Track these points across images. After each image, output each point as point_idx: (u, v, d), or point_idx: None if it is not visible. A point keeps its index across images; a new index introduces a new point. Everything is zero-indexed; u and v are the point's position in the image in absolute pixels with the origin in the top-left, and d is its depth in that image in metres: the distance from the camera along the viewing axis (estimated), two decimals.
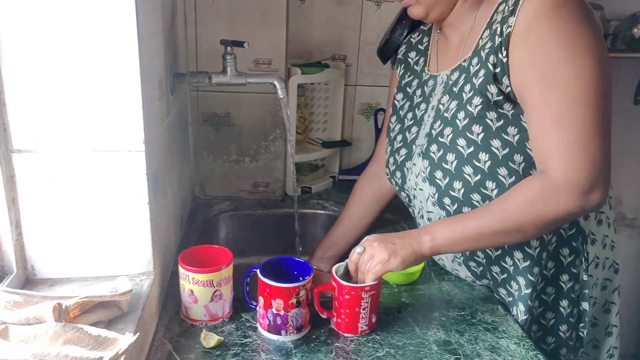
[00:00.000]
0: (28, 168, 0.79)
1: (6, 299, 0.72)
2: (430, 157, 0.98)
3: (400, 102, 1.13)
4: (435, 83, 1.03)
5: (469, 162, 0.92)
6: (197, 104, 1.42)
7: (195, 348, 0.85)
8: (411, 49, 1.15)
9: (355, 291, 0.88)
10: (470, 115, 0.91)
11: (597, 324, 1.09)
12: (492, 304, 1.01)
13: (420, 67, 1.10)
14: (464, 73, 0.94)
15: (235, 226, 1.49)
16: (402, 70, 1.16)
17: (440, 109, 0.99)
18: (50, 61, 0.75)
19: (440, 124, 0.97)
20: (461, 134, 0.93)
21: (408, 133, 1.08)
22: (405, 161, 1.07)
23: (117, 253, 0.86)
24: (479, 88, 0.90)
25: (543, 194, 0.83)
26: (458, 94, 0.95)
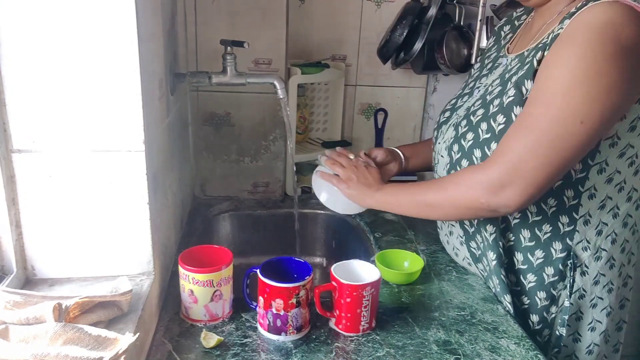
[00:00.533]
0: (28, 168, 0.79)
1: (6, 299, 0.72)
2: (457, 130, 1.02)
3: (475, 70, 1.17)
4: (500, 64, 1.05)
5: (481, 146, 0.95)
6: (197, 104, 1.42)
7: (195, 348, 0.85)
8: (509, 23, 1.16)
9: (356, 290, 0.88)
10: (500, 105, 0.94)
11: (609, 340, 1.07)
12: (492, 304, 1.01)
13: (505, 42, 1.11)
14: (520, 63, 0.96)
15: (235, 226, 1.49)
16: (493, 39, 1.18)
17: (488, 89, 1.02)
18: (50, 61, 0.75)
19: (479, 104, 1.00)
20: (486, 119, 0.95)
21: (460, 100, 1.11)
22: (443, 124, 1.10)
23: (117, 253, 0.86)
24: (517, 81, 0.92)
25: (468, 181, 0.91)
26: (505, 82, 0.97)
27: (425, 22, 1.49)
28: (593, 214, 0.96)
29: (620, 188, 0.95)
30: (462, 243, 1.12)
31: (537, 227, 0.97)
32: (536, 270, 0.99)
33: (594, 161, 0.91)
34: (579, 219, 0.96)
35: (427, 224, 1.35)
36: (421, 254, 1.20)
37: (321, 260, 1.54)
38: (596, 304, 1.01)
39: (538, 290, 1.00)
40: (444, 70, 1.56)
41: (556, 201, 0.95)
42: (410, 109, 1.75)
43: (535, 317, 1.01)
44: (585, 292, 0.99)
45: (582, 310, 1.01)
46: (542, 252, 0.98)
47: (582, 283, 0.99)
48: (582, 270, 0.98)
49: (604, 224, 0.97)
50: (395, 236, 1.30)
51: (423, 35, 1.48)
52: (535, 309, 1.01)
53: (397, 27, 1.50)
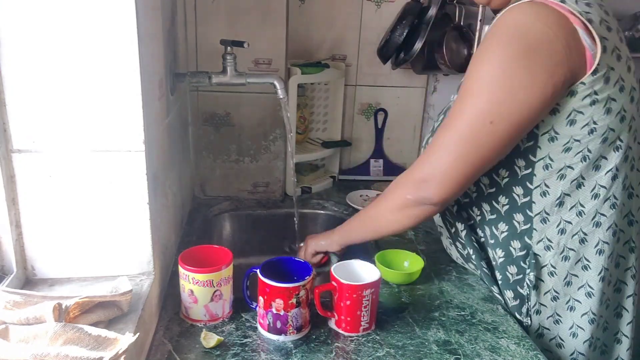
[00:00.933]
0: (28, 168, 0.79)
1: (6, 299, 0.72)
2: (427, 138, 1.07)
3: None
4: None
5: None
6: (197, 104, 1.42)
7: (195, 348, 0.85)
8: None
9: (356, 290, 0.88)
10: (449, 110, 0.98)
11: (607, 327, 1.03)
12: (492, 304, 1.01)
13: None
14: None
15: (235, 226, 1.49)
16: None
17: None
18: (50, 61, 0.75)
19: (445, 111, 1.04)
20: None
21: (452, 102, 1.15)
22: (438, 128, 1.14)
23: (117, 253, 0.86)
24: (459, 86, 0.96)
25: (397, 181, 0.98)
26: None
27: (425, 22, 1.48)
28: (550, 211, 0.93)
29: (578, 184, 0.92)
30: (451, 244, 1.14)
31: (494, 225, 0.99)
32: (500, 268, 1.01)
33: (536, 157, 0.91)
34: (534, 216, 0.95)
35: (427, 224, 1.35)
36: (421, 254, 1.20)
37: None
38: (574, 307, 0.98)
39: (505, 289, 1.01)
40: (444, 70, 1.56)
41: (507, 199, 0.96)
42: (410, 109, 1.75)
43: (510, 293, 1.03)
44: (558, 294, 0.97)
45: (559, 313, 0.99)
46: (502, 251, 0.99)
47: (552, 284, 0.97)
48: (549, 270, 0.96)
49: (567, 222, 0.94)
50: (395, 236, 1.30)
51: (423, 35, 1.48)
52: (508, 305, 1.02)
53: (397, 27, 1.50)
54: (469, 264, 1.12)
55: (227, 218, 1.48)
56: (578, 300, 0.98)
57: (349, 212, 1.41)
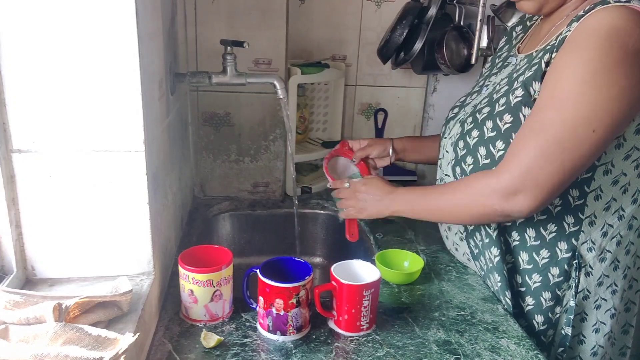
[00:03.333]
0: (28, 168, 0.79)
1: (6, 299, 0.72)
2: (464, 127, 1.03)
3: (486, 69, 1.18)
4: (510, 63, 1.06)
5: (485, 144, 0.96)
6: (197, 104, 1.42)
7: (195, 348, 0.85)
8: (521, 23, 1.17)
9: (356, 290, 0.88)
10: (507, 104, 0.95)
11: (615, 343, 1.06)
12: (492, 304, 1.01)
13: (516, 41, 1.12)
14: (529, 64, 0.96)
15: (235, 226, 1.49)
16: (505, 39, 1.19)
17: (495, 88, 1.03)
18: (50, 61, 0.75)
19: (485, 102, 1.02)
20: (492, 117, 0.96)
21: (469, 97, 1.13)
22: (450, 120, 1.12)
23: (117, 253, 0.86)
24: (525, 81, 0.93)
25: (481, 187, 0.92)
26: (512, 82, 0.98)
27: (425, 22, 1.48)
28: (598, 215, 0.95)
29: (624, 190, 0.95)
30: (461, 239, 1.12)
31: (542, 226, 0.97)
32: (541, 270, 0.99)
33: (599, 162, 0.91)
34: (584, 219, 0.95)
35: (427, 224, 1.35)
36: (421, 254, 1.20)
37: (321, 260, 1.54)
38: (600, 305, 1.01)
39: (543, 291, 0.99)
40: (444, 70, 1.56)
41: (561, 201, 0.95)
42: (410, 109, 1.75)
43: (540, 318, 1.01)
44: (589, 293, 0.99)
45: (586, 312, 1.01)
46: (548, 252, 0.98)
47: (586, 284, 0.99)
48: (586, 271, 0.98)
49: (609, 226, 0.97)
50: (395, 236, 1.30)
51: (423, 35, 1.48)
52: (540, 309, 1.00)
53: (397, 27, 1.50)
54: (476, 262, 1.10)
55: (227, 218, 1.48)
56: (604, 299, 1.00)
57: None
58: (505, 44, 1.17)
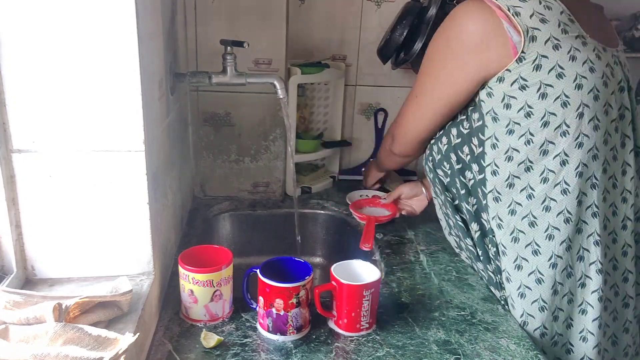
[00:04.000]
0: (28, 168, 0.80)
1: (6, 299, 0.72)
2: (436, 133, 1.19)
3: None
4: None
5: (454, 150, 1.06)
6: (197, 104, 1.42)
7: (195, 348, 0.85)
8: None
9: (356, 290, 0.88)
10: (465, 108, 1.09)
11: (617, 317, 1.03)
12: (492, 304, 1.01)
13: None
14: None
15: (235, 226, 1.48)
16: None
17: None
18: (50, 61, 0.75)
19: None
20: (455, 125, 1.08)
21: None
22: None
23: (117, 253, 0.86)
24: None
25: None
26: None
27: (425, 22, 1.48)
28: (502, 191, 0.98)
29: (526, 168, 0.95)
30: (449, 234, 1.20)
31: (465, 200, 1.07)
32: (478, 243, 1.07)
33: (485, 136, 0.99)
34: (487, 194, 1.00)
35: (427, 224, 1.35)
36: (421, 254, 1.20)
37: (321, 260, 1.54)
38: (524, 293, 0.99)
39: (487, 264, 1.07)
40: None
41: (471, 174, 1.04)
42: None
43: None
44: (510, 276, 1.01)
45: (512, 298, 1.01)
46: (477, 225, 1.06)
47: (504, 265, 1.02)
48: (500, 250, 1.02)
49: (517, 204, 0.97)
50: (395, 236, 1.30)
51: (423, 35, 1.48)
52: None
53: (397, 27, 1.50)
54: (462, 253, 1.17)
55: (227, 218, 1.48)
56: (528, 287, 0.98)
57: (349, 212, 1.41)
58: None
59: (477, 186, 1.03)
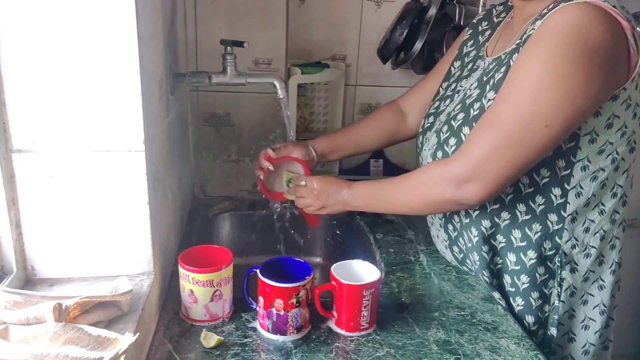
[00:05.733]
0: (28, 168, 0.79)
1: (6, 299, 0.72)
2: (440, 136, 1.01)
3: (455, 69, 1.15)
4: (479, 67, 1.05)
5: None
6: (197, 104, 1.42)
7: (195, 348, 0.85)
8: (486, 19, 1.15)
9: (356, 290, 0.88)
10: (481, 108, 0.94)
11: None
12: (492, 304, 1.01)
13: (484, 40, 1.10)
14: (499, 66, 0.96)
15: (235, 226, 1.48)
16: (468, 36, 1.16)
17: (467, 93, 1.02)
18: (50, 61, 0.75)
19: (459, 108, 1.00)
20: (468, 123, 0.96)
21: (442, 104, 1.10)
22: (427, 130, 1.10)
23: (117, 253, 0.86)
24: (496, 84, 0.93)
25: (434, 175, 0.95)
26: (483, 85, 0.97)
27: (425, 22, 1.48)
28: (580, 211, 0.96)
29: (603, 184, 0.95)
30: (446, 247, 1.13)
31: (528, 227, 0.97)
32: (529, 270, 0.99)
33: (576, 158, 0.92)
34: (567, 217, 0.96)
35: (427, 224, 1.35)
36: (421, 254, 1.20)
37: (321, 260, 1.54)
38: (587, 300, 1.01)
39: (532, 291, 0.99)
40: None
41: (544, 199, 0.95)
42: None
43: (531, 318, 1.00)
44: (576, 290, 0.99)
45: (574, 308, 1.00)
46: (534, 252, 0.97)
47: (572, 280, 0.98)
48: (571, 268, 0.98)
49: (591, 221, 0.97)
50: (395, 236, 1.30)
51: (423, 35, 1.48)
52: (530, 310, 1.00)
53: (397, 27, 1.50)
54: (463, 267, 1.12)
55: (227, 218, 1.48)
56: (591, 294, 1.00)
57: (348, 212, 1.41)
58: (470, 38, 1.15)
59: (550, 211, 0.95)
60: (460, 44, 1.17)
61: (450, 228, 1.09)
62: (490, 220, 0.99)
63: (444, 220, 1.10)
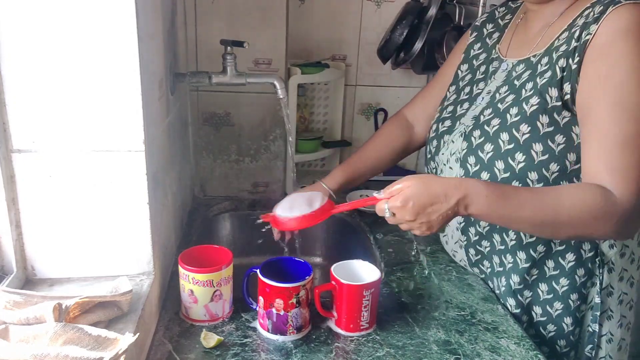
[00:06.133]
0: (28, 168, 0.79)
1: (6, 299, 0.72)
2: (470, 141, 0.99)
3: (463, 72, 1.13)
4: (499, 67, 1.03)
5: (504, 157, 0.93)
6: (197, 104, 1.42)
7: (195, 348, 0.85)
8: (491, 21, 1.14)
9: (356, 290, 0.88)
10: (523, 114, 0.92)
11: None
12: (492, 304, 1.01)
13: (493, 42, 1.09)
14: (530, 69, 0.94)
15: (235, 226, 1.48)
16: (473, 39, 1.15)
17: (495, 96, 1.00)
18: (51, 61, 0.75)
19: (491, 113, 0.98)
20: (507, 129, 0.93)
21: (459, 107, 1.08)
22: (445, 133, 1.07)
23: (117, 253, 0.86)
24: (540, 89, 0.91)
25: (604, 206, 0.81)
26: (518, 89, 0.95)
27: (425, 22, 1.48)
28: None
29: None
30: (460, 247, 1.11)
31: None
32: (569, 273, 0.97)
33: None
34: None
35: None
36: (421, 254, 1.20)
37: (321, 260, 1.54)
38: (622, 299, 1.01)
39: (571, 293, 0.97)
40: None
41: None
42: None
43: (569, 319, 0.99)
44: (613, 289, 1.00)
45: (611, 308, 1.01)
46: (573, 255, 0.96)
47: (609, 280, 0.98)
48: (609, 268, 0.98)
49: None
50: (395, 236, 1.30)
51: (423, 35, 1.48)
52: (568, 311, 0.99)
53: (397, 27, 1.50)
54: (474, 269, 1.11)
55: (227, 218, 1.47)
56: (625, 293, 1.01)
57: (348, 212, 1.41)
58: (476, 41, 1.14)
59: None
60: (464, 47, 1.16)
61: (472, 231, 1.06)
62: None
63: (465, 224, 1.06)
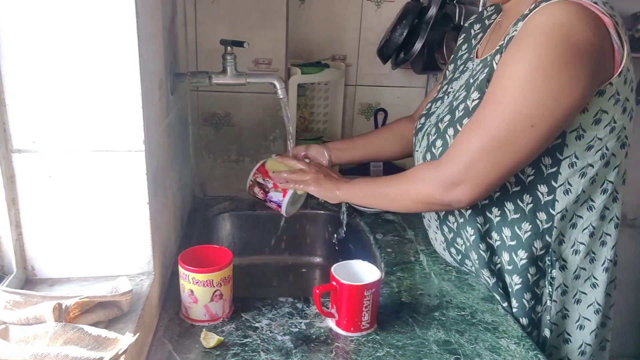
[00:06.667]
0: (28, 168, 0.80)
1: (6, 299, 0.72)
2: (428, 138, 1.03)
3: (449, 72, 1.15)
4: (468, 68, 1.05)
5: None
6: (197, 104, 1.42)
7: (195, 348, 0.85)
8: (479, 21, 1.15)
9: (356, 290, 0.88)
10: (466, 109, 0.95)
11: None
12: (492, 304, 1.01)
13: (476, 42, 1.10)
14: (484, 67, 0.96)
15: (235, 226, 1.48)
16: (462, 40, 1.17)
17: (455, 95, 1.02)
18: (50, 61, 0.75)
19: (447, 110, 1.01)
20: (452, 125, 0.96)
21: (434, 105, 1.11)
22: (419, 131, 1.11)
23: (117, 253, 0.86)
24: (479, 84, 0.93)
25: (423, 177, 0.96)
26: (469, 86, 0.97)
27: (425, 22, 1.48)
28: (569, 209, 0.95)
29: (592, 180, 0.94)
30: (444, 249, 1.13)
31: (517, 225, 0.97)
32: (521, 271, 0.98)
33: (562, 155, 0.91)
34: (555, 215, 0.95)
35: None
36: (421, 254, 1.20)
37: (321, 260, 1.54)
38: (580, 299, 1.00)
39: (524, 292, 0.98)
40: None
41: (531, 197, 0.94)
42: (410, 109, 1.73)
43: (525, 320, 0.99)
44: (567, 288, 0.98)
45: (567, 307, 1.00)
46: (525, 252, 0.97)
47: (562, 278, 0.98)
48: (561, 265, 0.97)
49: (579, 217, 0.96)
50: (395, 236, 1.30)
51: (423, 35, 1.48)
52: (524, 311, 0.99)
53: (397, 27, 1.50)
54: (463, 267, 1.12)
55: (227, 218, 1.47)
56: (584, 292, 0.99)
57: (349, 212, 1.41)
58: (464, 42, 1.15)
59: (539, 209, 0.95)
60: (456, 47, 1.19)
61: (445, 230, 1.09)
62: (483, 215, 0.99)
63: (439, 222, 1.10)
